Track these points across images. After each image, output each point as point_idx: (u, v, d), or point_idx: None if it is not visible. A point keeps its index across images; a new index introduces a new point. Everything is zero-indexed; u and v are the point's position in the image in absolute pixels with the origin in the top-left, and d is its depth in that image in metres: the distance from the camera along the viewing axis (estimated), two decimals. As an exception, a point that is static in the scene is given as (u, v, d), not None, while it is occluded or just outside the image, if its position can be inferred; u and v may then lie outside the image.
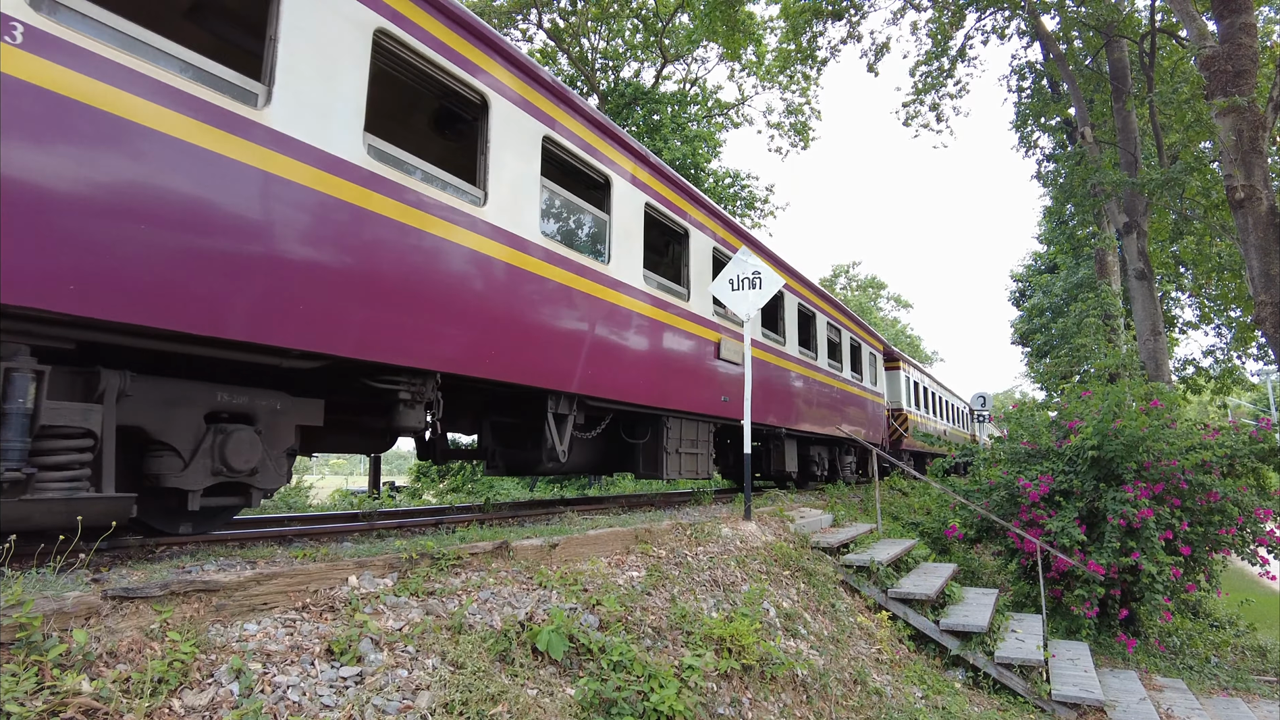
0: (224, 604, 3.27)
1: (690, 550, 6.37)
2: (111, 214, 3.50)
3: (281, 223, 4.25)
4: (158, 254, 3.66)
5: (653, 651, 4.42)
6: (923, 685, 6.62)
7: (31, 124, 3.23)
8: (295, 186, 4.34)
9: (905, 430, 21.11)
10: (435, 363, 5.31)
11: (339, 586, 3.71)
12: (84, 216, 3.40)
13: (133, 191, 3.57)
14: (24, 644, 2.58)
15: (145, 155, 3.62)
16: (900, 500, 15.34)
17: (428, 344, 5.24)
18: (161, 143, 3.69)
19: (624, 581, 5.23)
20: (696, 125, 29.51)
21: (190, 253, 3.79)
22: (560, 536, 5.33)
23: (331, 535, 6.22)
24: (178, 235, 3.74)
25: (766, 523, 7.95)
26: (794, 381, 12.35)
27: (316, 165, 4.48)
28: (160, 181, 3.67)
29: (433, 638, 3.54)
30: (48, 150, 3.28)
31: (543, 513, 8.09)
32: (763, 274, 7.72)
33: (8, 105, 3.14)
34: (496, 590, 4.27)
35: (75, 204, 3.38)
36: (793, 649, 5.64)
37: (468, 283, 5.62)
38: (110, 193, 3.49)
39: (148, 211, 3.62)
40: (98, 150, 3.46)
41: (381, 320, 4.85)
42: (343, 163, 4.65)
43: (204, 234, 3.85)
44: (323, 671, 3.12)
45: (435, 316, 5.31)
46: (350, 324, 4.63)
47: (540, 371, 6.33)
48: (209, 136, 3.90)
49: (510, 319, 6.01)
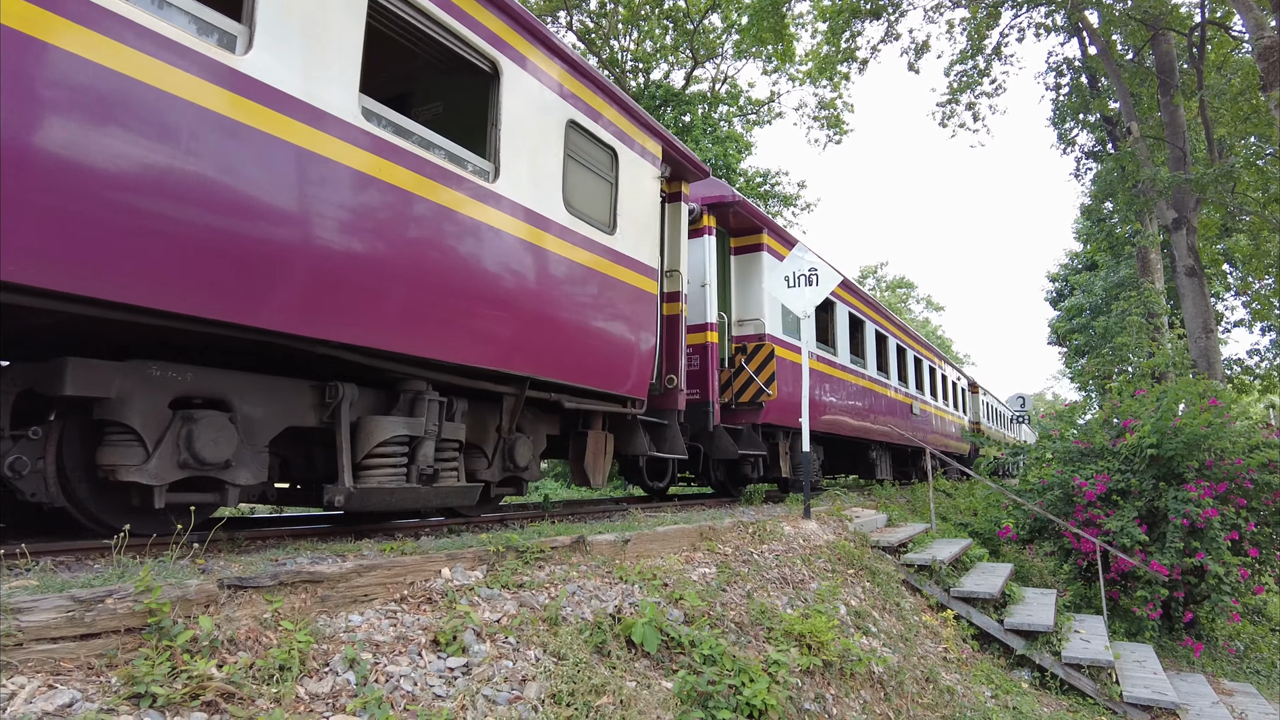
0: (328, 595, 3.30)
1: (755, 548, 6.34)
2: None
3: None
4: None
5: (738, 646, 4.40)
6: (991, 685, 6.52)
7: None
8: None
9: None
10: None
11: (433, 579, 3.73)
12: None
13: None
14: (154, 629, 2.62)
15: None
16: (945, 501, 15.18)
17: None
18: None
19: (697, 577, 5.21)
20: (728, 125, 29.48)
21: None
22: (631, 533, 5.32)
23: (406, 530, 6.25)
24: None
25: (826, 522, 7.89)
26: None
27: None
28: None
29: (531, 630, 3.55)
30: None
31: (597, 511, 8.09)
32: (819, 270, 7.67)
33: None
34: (581, 584, 4.28)
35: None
36: (867, 646, 5.59)
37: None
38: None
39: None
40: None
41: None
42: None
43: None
44: (430, 662, 3.13)
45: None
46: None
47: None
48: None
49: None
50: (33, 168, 2.98)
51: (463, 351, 5.09)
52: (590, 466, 6.94)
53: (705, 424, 8.91)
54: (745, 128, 31.06)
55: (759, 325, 10.03)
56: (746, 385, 9.61)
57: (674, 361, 7.97)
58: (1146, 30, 17.61)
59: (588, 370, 6.44)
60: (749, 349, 9.71)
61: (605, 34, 29.09)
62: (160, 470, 3.82)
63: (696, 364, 9.14)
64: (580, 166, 6.41)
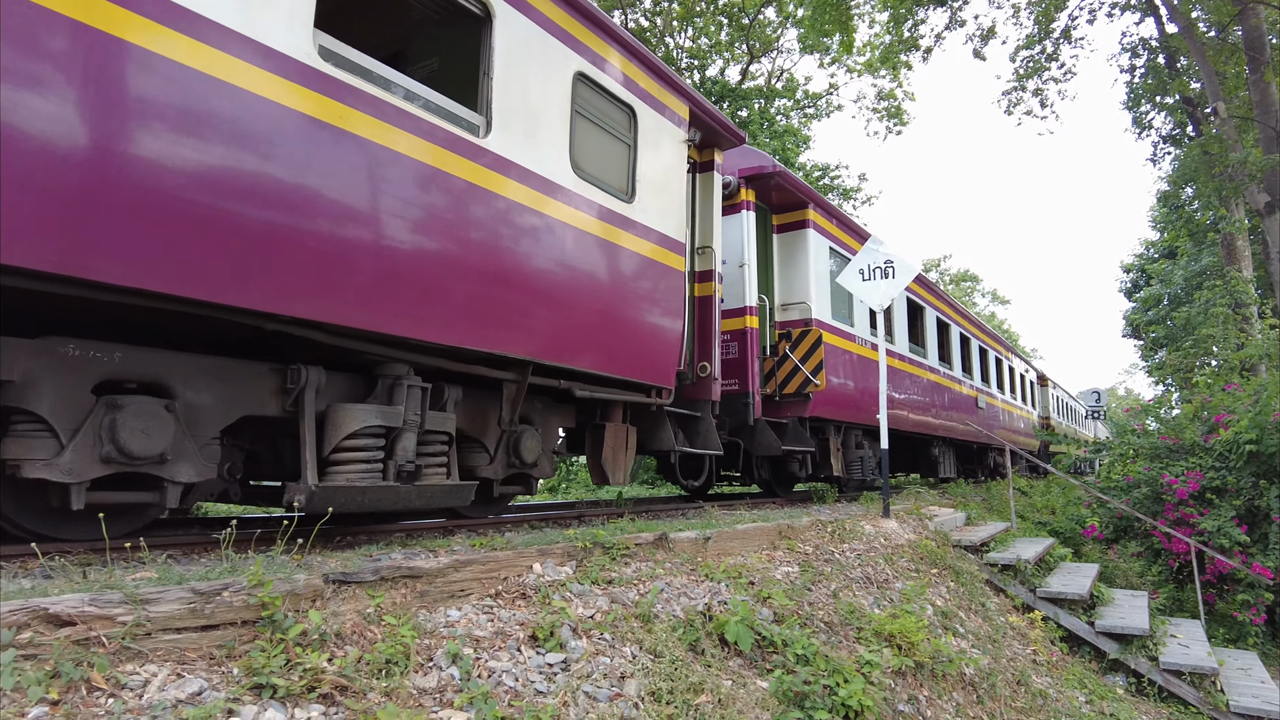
0: (427, 590, 3.33)
1: (835, 547, 6.22)
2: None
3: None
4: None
5: (829, 646, 4.31)
6: (1084, 689, 6.28)
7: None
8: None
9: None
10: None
11: (525, 574, 3.74)
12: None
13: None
14: (268, 622, 2.67)
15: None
16: (1021, 499, 14.70)
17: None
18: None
19: (781, 576, 5.12)
20: (785, 120, 29.16)
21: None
22: (711, 530, 5.27)
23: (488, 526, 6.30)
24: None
25: (905, 521, 7.71)
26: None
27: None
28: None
29: (625, 626, 3.52)
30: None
31: (669, 509, 8.05)
32: (895, 262, 7.49)
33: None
34: (668, 581, 4.24)
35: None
36: (956, 647, 5.43)
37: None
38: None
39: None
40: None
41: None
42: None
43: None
44: (530, 658, 3.14)
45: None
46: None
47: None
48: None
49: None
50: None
51: (449, 331, 4.48)
52: (609, 462, 6.29)
53: (745, 417, 8.24)
54: (803, 121, 30.70)
55: (805, 309, 9.22)
56: (792, 375, 8.81)
57: (707, 347, 7.30)
58: (1234, 4, 16.76)
59: (602, 354, 5.77)
60: (794, 335, 8.92)
61: (660, 32, 29.07)
62: (76, 466, 3.28)
63: (734, 352, 8.49)
64: (592, 125, 5.77)
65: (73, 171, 2.97)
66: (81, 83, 2.99)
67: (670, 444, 6.78)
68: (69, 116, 2.96)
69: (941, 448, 14.92)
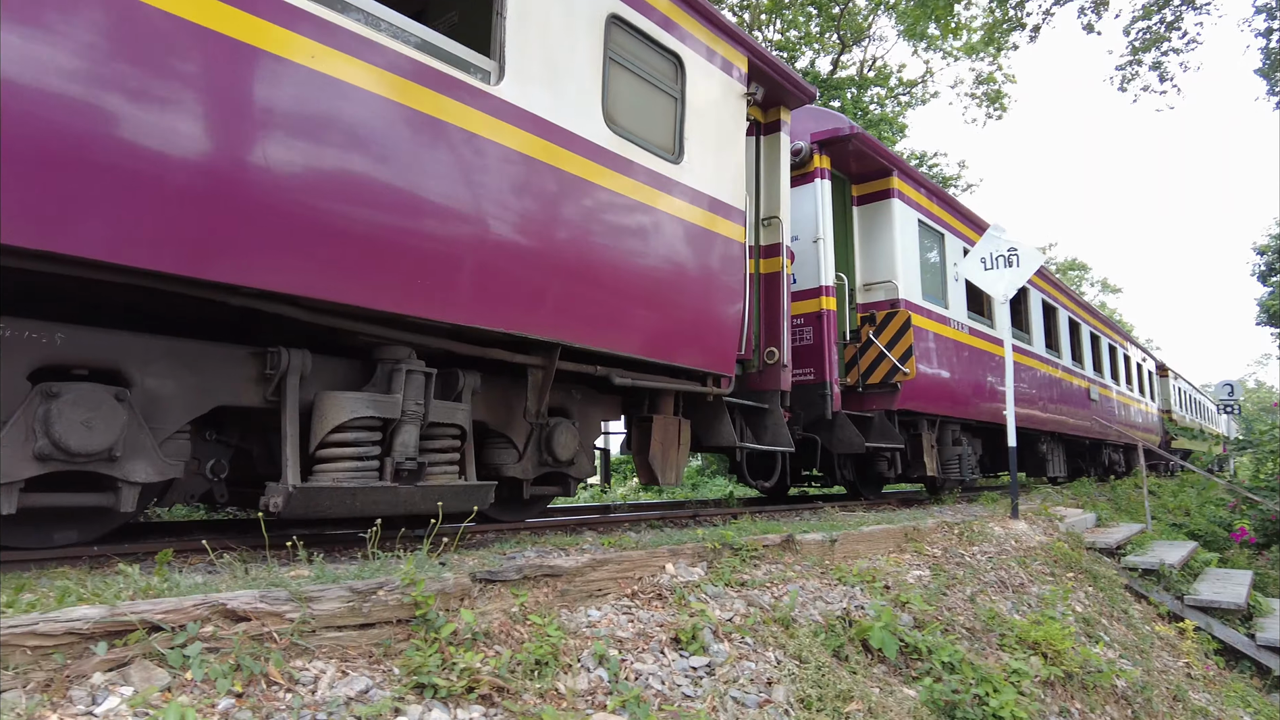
0: (566, 589, 3.32)
1: (965, 550, 5.94)
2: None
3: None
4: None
5: (974, 653, 4.10)
6: (1249, 709, 5.79)
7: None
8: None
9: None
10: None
11: (659, 574, 3.69)
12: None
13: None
14: (421, 621, 2.70)
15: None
16: (1136, 495, 13.74)
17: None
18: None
19: (913, 579, 4.92)
20: (879, 108, 28.39)
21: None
22: (837, 532, 5.10)
23: (609, 524, 6.31)
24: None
25: (1034, 522, 7.32)
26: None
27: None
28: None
29: (766, 630, 3.43)
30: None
31: (781, 510, 7.89)
32: (1020, 251, 7.10)
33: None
34: (801, 584, 4.12)
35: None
36: (1104, 657, 5.09)
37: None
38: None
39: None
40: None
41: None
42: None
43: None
44: (674, 660, 3.08)
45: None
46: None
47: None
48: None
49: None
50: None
51: (454, 307, 3.90)
52: (657, 460, 5.56)
53: (822, 410, 7.43)
54: (897, 110, 29.81)
55: (891, 289, 8.40)
56: (876, 363, 7.98)
57: (774, 331, 6.56)
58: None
59: (645, 336, 5.11)
60: (878, 318, 8.06)
61: (749, 26, 28.76)
62: (5, 464, 2.89)
63: (809, 337, 7.74)
64: (629, 74, 5.16)
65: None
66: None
67: (731, 439, 6.03)
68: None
69: (1050, 444, 13.76)
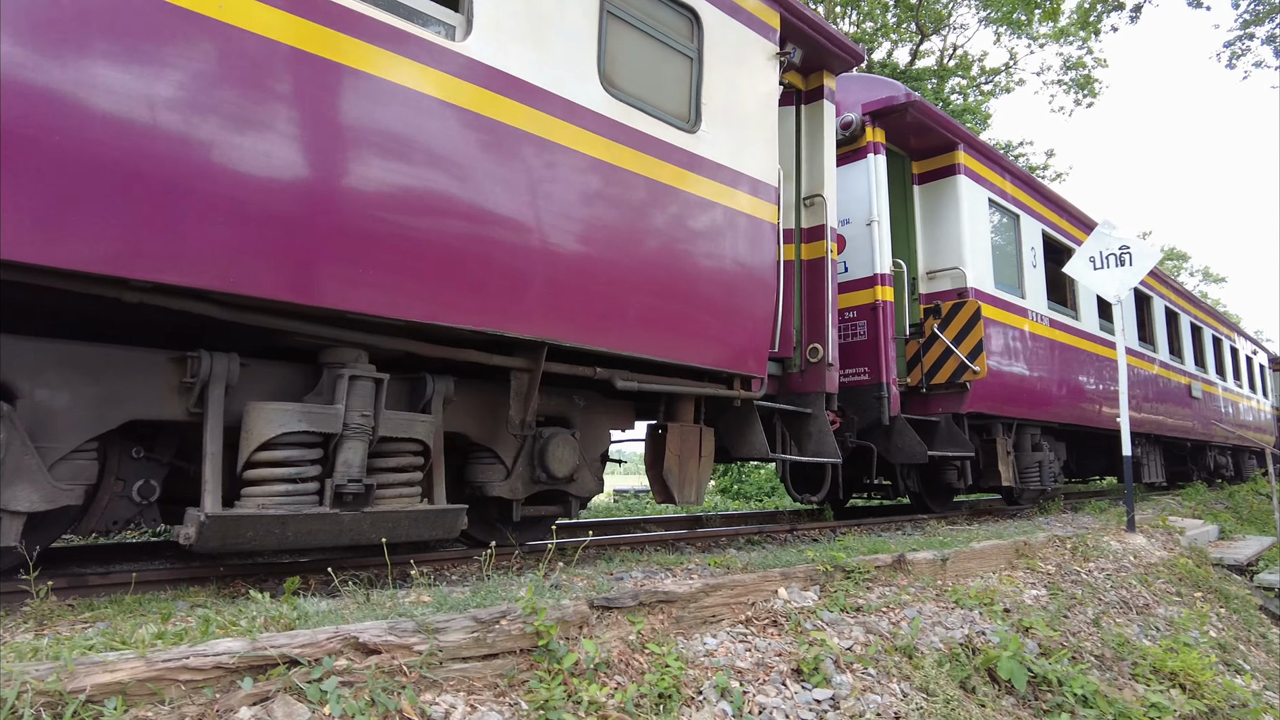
0: (681, 615, 3.25)
1: (1080, 566, 5.64)
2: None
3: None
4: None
5: (1106, 684, 3.85)
6: (1407, 742, 5.30)
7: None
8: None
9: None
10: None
11: (772, 599, 3.59)
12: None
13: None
14: (543, 651, 2.66)
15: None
16: (1258, 504, 12.84)
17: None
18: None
19: (1030, 600, 4.68)
20: (962, 99, 27.54)
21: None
22: (949, 550, 4.90)
23: (684, 540, 6.24)
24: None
25: (1153, 535, 6.90)
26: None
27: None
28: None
29: (888, 660, 3.29)
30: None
31: (880, 522, 7.66)
32: (1133, 248, 6.72)
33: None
34: (917, 608, 3.95)
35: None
36: (1247, 690, 4.73)
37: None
38: None
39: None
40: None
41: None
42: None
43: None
44: (797, 693, 2.97)
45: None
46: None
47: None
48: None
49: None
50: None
51: (413, 302, 3.39)
52: (673, 475, 4.89)
53: (878, 415, 6.61)
54: (980, 100, 28.87)
55: (958, 276, 7.51)
56: (942, 361, 7.17)
57: (819, 325, 5.85)
58: None
59: (653, 333, 4.49)
60: (944, 310, 7.25)
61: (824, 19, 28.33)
62: None
63: (862, 332, 6.91)
64: (634, 31, 4.55)
65: None
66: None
67: (763, 449, 5.29)
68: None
69: (1145, 446, 12.53)
